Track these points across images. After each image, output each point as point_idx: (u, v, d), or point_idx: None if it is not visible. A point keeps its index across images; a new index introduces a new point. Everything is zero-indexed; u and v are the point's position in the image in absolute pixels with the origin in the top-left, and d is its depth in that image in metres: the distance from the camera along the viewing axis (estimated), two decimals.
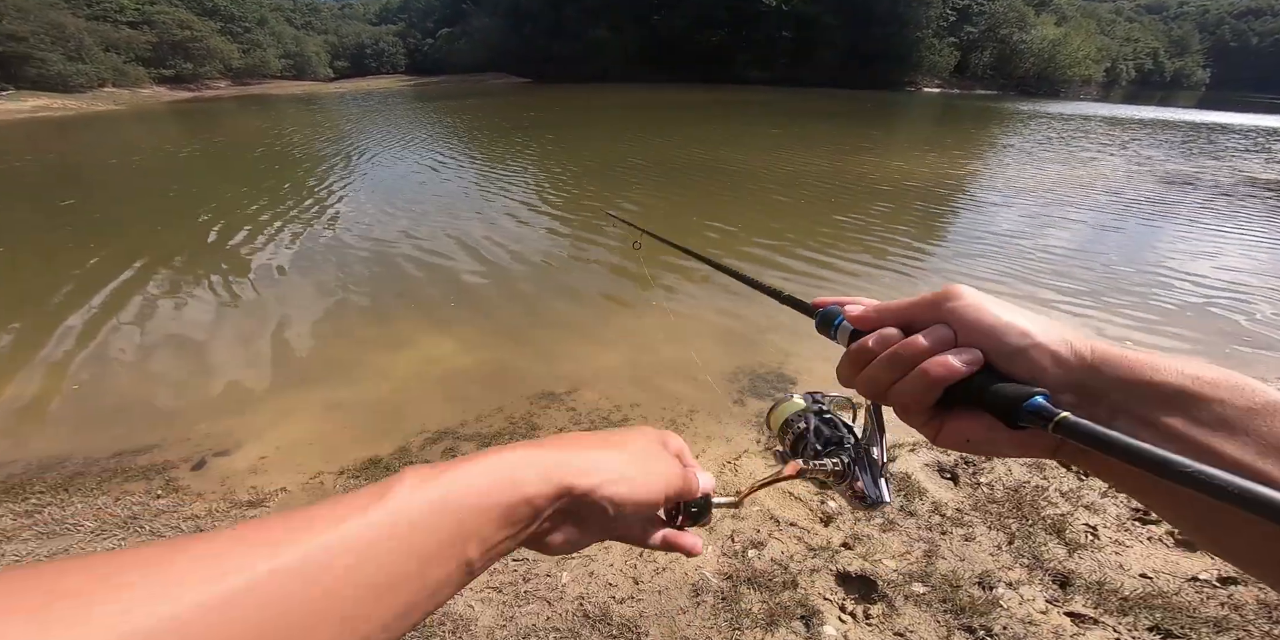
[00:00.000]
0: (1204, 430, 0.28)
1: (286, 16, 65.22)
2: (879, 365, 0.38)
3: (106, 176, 12.05)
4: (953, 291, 0.38)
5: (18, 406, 3.51)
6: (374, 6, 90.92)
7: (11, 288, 5.44)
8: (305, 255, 6.07)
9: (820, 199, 8.42)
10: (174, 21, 44.94)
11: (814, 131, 16.95)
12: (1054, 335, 0.34)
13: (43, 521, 2.47)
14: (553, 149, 13.06)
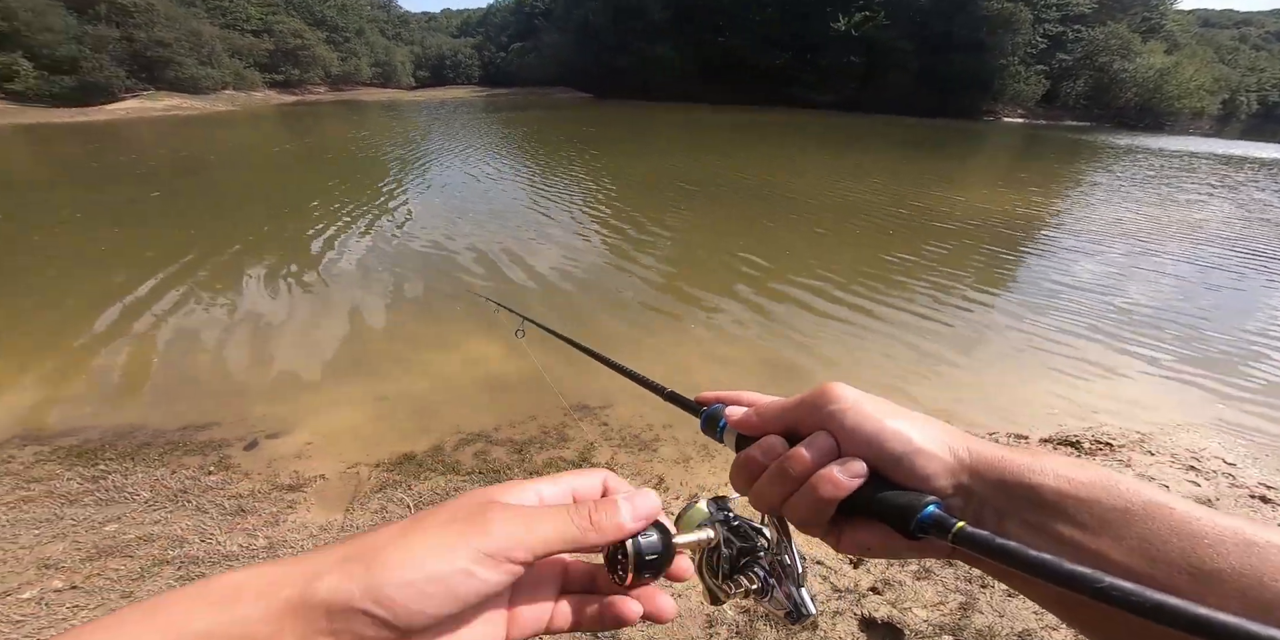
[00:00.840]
0: (1089, 534, 0.27)
1: (380, 27, 67.75)
2: (768, 481, 0.35)
3: (214, 170, 12.74)
4: (830, 394, 0.35)
5: (106, 376, 3.62)
6: (456, 20, 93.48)
7: (119, 265, 5.72)
8: (369, 252, 6.16)
9: (873, 233, 7.42)
10: (289, 31, 47.38)
11: (875, 159, 14.94)
12: (934, 440, 0.32)
13: (105, 488, 2.49)
14: (602, 165, 12.50)
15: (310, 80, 50.86)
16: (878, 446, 0.33)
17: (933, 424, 0.34)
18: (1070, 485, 0.29)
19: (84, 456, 2.75)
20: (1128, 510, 0.27)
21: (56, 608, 1.81)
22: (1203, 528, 0.26)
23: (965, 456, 0.32)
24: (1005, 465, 0.31)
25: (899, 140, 20.79)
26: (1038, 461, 0.31)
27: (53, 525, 2.22)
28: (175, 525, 2.27)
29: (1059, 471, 0.30)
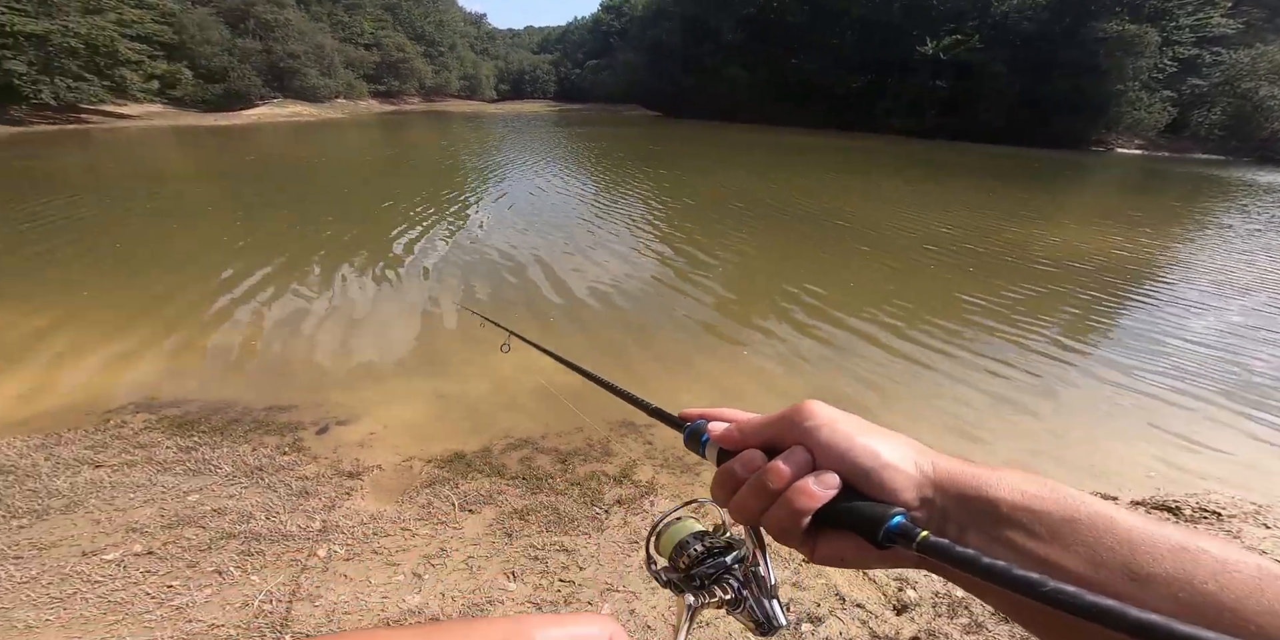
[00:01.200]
0: (1041, 543, 0.29)
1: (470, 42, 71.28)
2: (747, 493, 0.36)
3: (320, 173, 13.78)
4: (806, 410, 0.36)
5: (214, 355, 3.92)
6: (537, 37, 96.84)
7: (235, 255, 6.24)
8: (444, 257, 6.38)
9: (950, 270, 6.59)
10: (394, 45, 50.91)
11: (957, 190, 13.39)
12: (901, 455, 0.34)
13: (194, 459, 2.65)
14: (665, 184, 12.07)
15: (407, 91, 54.20)
16: (850, 461, 0.33)
17: (902, 441, 0.35)
18: (1024, 497, 0.30)
19: (183, 428, 2.95)
20: (1075, 520, 0.28)
21: (132, 571, 1.91)
22: (1141, 536, 0.27)
23: (930, 471, 0.33)
24: (966, 479, 0.32)
25: (986, 170, 18.70)
26: (995, 475, 0.32)
27: (146, 491, 2.37)
28: (246, 501, 2.36)
29: (1014, 485, 0.31)
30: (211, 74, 33.97)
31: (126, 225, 7.72)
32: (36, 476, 2.41)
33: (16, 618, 1.69)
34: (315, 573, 1.99)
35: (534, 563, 2.10)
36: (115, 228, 7.53)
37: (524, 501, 2.47)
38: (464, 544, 2.19)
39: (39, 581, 1.82)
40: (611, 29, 71.49)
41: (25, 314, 4.43)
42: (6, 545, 1.97)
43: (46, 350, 3.85)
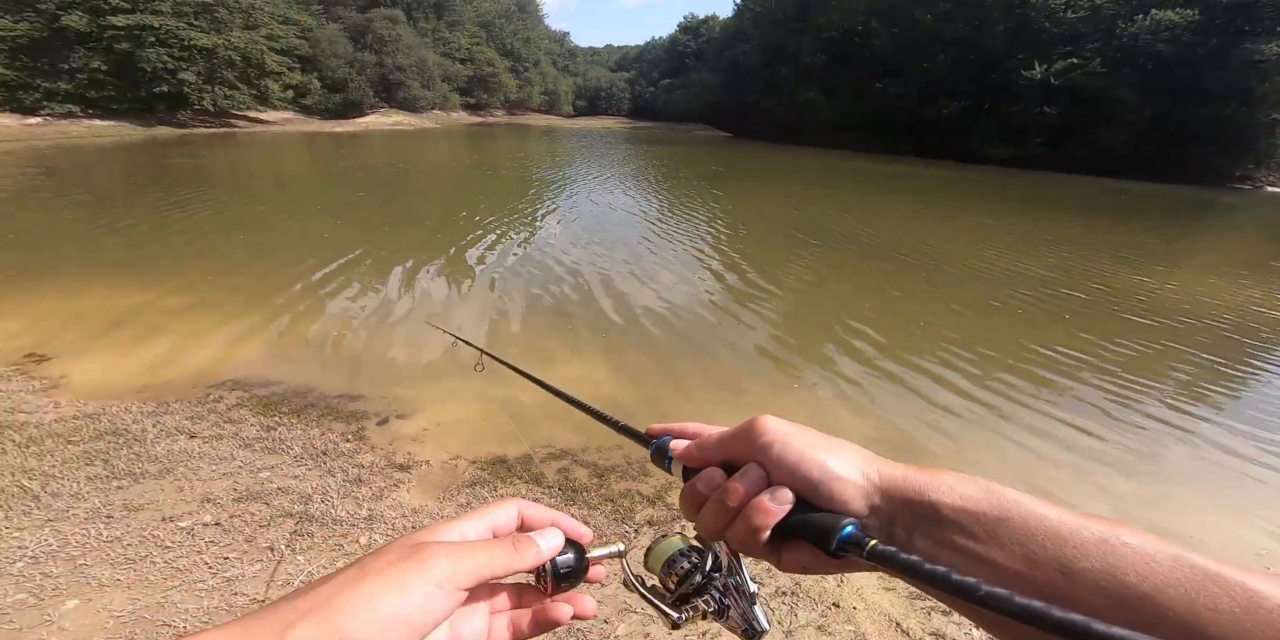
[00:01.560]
0: (981, 544, 0.29)
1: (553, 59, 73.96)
2: (709, 510, 0.36)
3: (412, 178, 14.73)
4: (758, 427, 0.37)
5: (308, 343, 4.20)
6: (616, 55, 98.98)
7: (334, 251, 6.74)
8: (512, 264, 6.55)
9: (1037, 316, 5.67)
10: (485, 59, 53.89)
11: (1057, 227, 11.47)
12: (849, 466, 0.34)
13: (272, 439, 2.82)
14: (731, 206, 11.51)
15: (493, 104, 57.01)
16: (800, 475, 0.34)
17: (850, 452, 0.35)
18: (961, 500, 0.31)
19: (268, 407, 3.16)
20: (1008, 519, 0.29)
21: (198, 539, 2.03)
22: (1069, 531, 0.28)
23: (876, 479, 0.33)
24: (908, 484, 0.33)
25: (1096, 206, 16.07)
26: (935, 479, 0.32)
27: (226, 464, 2.55)
28: (308, 483, 2.47)
29: (951, 488, 0.31)
30: (334, 84, 37.45)
31: (252, 219, 8.58)
32: (142, 441, 2.65)
33: (92, 574, 1.84)
34: (352, 559, 2.04)
35: None
36: (243, 221, 8.39)
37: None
38: None
39: (120, 542, 1.98)
40: (688, 49, 72.00)
41: (163, 294, 4.99)
42: (102, 504, 2.16)
43: (175, 327, 4.28)
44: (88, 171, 13.42)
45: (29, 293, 4.85)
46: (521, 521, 0.36)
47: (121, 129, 25.06)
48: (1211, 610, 0.23)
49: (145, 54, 25.03)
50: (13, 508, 2.09)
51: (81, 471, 2.37)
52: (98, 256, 6.20)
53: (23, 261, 5.88)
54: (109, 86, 25.04)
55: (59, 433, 2.68)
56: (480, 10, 56.96)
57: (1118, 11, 27.08)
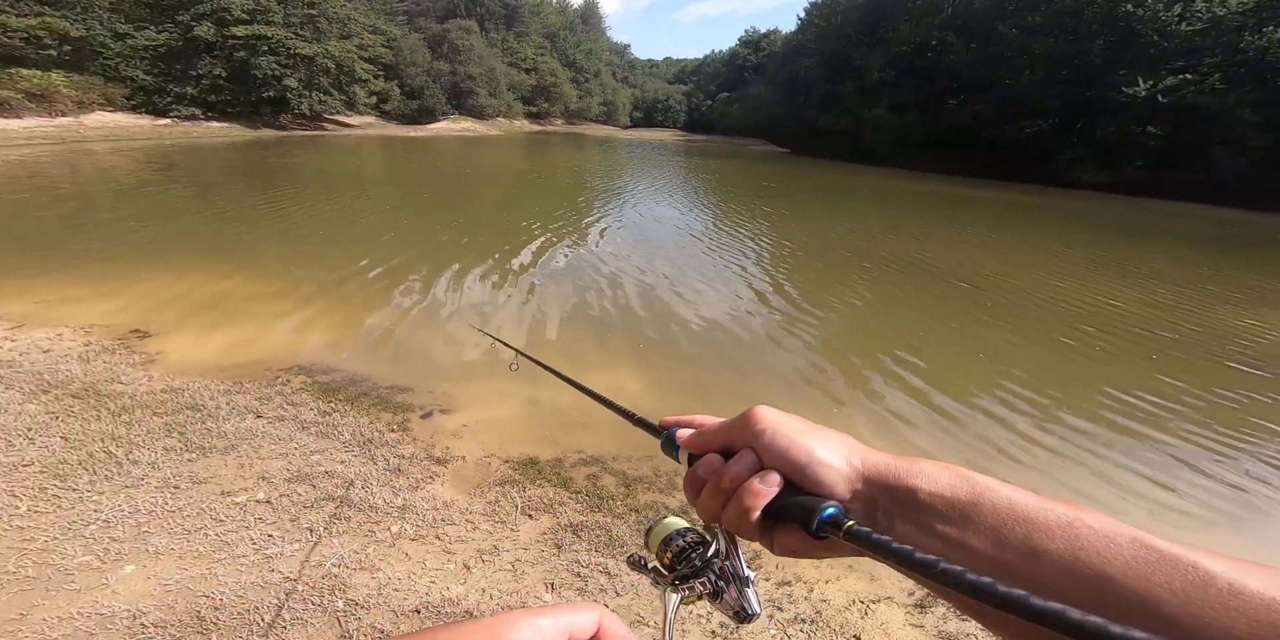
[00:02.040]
0: (955, 528, 0.30)
1: (613, 71, 74.79)
2: (707, 493, 0.38)
3: (474, 183, 15.24)
4: (753, 416, 0.38)
5: (366, 332, 4.38)
6: (674, 68, 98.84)
7: (397, 250, 7.04)
8: (559, 270, 6.59)
9: (1118, 354, 5.00)
10: (549, 70, 55.28)
11: (1151, 259, 9.96)
12: (833, 452, 0.35)
13: (327, 424, 2.92)
14: (784, 224, 10.86)
15: (553, 113, 58.31)
16: (789, 460, 0.35)
17: (837, 439, 0.37)
18: (937, 486, 0.32)
19: (326, 393, 3.28)
20: (979, 504, 0.30)
21: (249, 516, 2.11)
22: (1035, 515, 0.29)
23: (859, 465, 0.35)
24: (888, 471, 0.34)
25: (1199, 238, 13.92)
26: (915, 466, 0.33)
27: (284, 444, 2.65)
28: (352, 468, 2.54)
29: (928, 474, 0.32)
30: (412, 91, 39.51)
31: (331, 215, 9.11)
32: (215, 418, 2.81)
33: (151, 542, 1.93)
34: (383, 546, 2.06)
35: (575, 578, 2.01)
36: (323, 216, 8.93)
37: (581, 517, 2.38)
38: (516, 546, 2.15)
39: (181, 512, 2.08)
40: (747, 63, 71.11)
41: (248, 281, 5.35)
42: (173, 475, 2.29)
43: (256, 312, 4.58)
44: (200, 168, 14.75)
45: (139, 274, 5.33)
46: (596, 632, 0.32)
47: (233, 130, 27.47)
48: (1165, 589, 0.24)
49: (258, 62, 27.33)
50: (97, 472, 2.25)
51: (160, 442, 2.53)
52: (197, 243, 6.75)
53: (137, 243, 6.49)
54: (226, 91, 27.51)
55: (148, 404, 2.89)
56: (547, 22, 58.55)
57: (1243, 23, 23.54)
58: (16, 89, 20.78)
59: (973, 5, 32.00)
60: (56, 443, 2.47)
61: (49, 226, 7.26)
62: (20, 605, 1.66)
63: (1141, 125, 26.24)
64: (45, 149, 17.00)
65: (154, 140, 21.83)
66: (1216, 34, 24.23)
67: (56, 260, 5.64)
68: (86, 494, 2.12)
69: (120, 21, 25.21)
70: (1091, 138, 27.59)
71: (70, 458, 2.35)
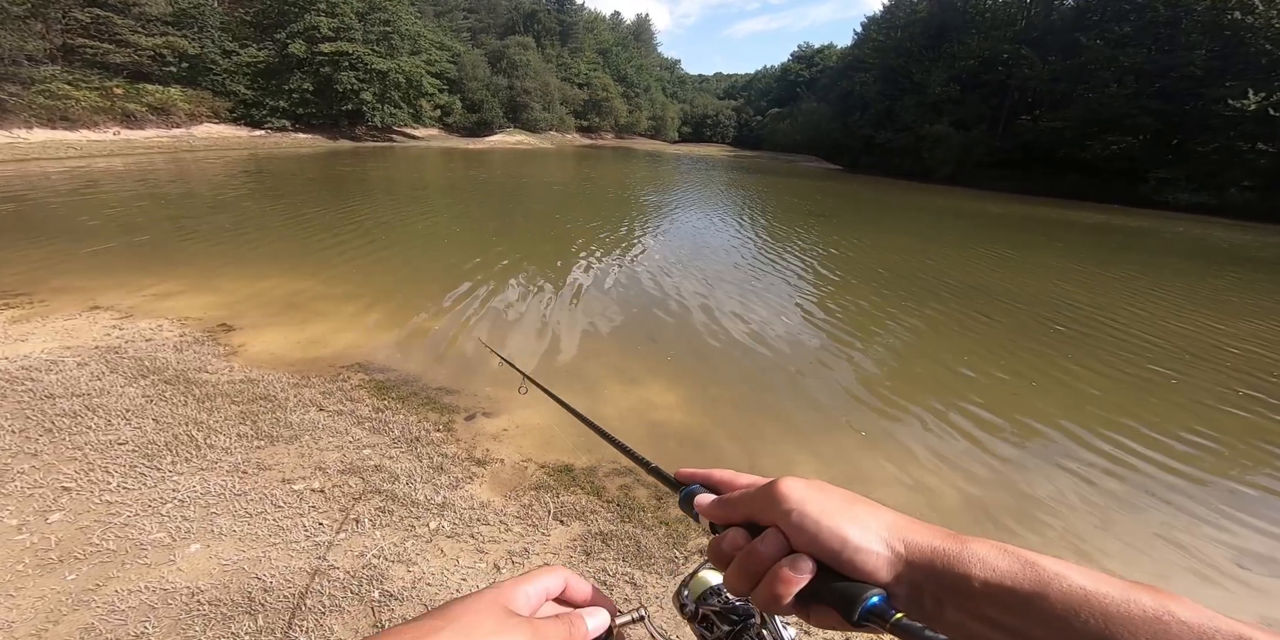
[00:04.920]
0: (1016, 617, 0.27)
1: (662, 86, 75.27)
2: (734, 572, 0.35)
3: (526, 194, 15.73)
4: (777, 492, 0.35)
5: (415, 334, 4.56)
6: (724, 83, 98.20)
7: (451, 258, 7.34)
8: (603, 282, 6.63)
9: (1201, 393, 4.44)
10: (600, 85, 56.47)
11: (1255, 287, 8.84)
12: (871, 537, 0.32)
13: (379, 420, 3.06)
14: (837, 244, 10.19)
15: (604, 127, 59.30)
16: (819, 545, 0.33)
17: (873, 519, 0.33)
18: (995, 574, 0.29)
19: (381, 391, 3.44)
20: (1047, 596, 0.27)
21: (304, 504, 2.22)
22: (1116, 608, 0.26)
23: (901, 550, 0.32)
24: (937, 557, 0.31)
25: None
26: (966, 550, 0.30)
27: (340, 437, 2.79)
28: (399, 464, 2.63)
29: (983, 559, 0.29)
30: (472, 105, 41.43)
31: (394, 223, 9.66)
32: (283, 408, 3.00)
33: (215, 523, 2.07)
34: (421, 541, 2.11)
35: (601, 586, 1.97)
36: (388, 224, 9.47)
37: (612, 526, 2.36)
38: (545, 550, 2.16)
39: (246, 496, 2.22)
40: (800, 79, 70.03)
41: (322, 281, 5.74)
42: (242, 461, 2.45)
43: (327, 311, 4.87)
44: (285, 176, 16.05)
45: (229, 272, 5.82)
46: (564, 589, 0.37)
47: (315, 141, 29.78)
48: None
49: (340, 76, 29.53)
50: (179, 454, 2.45)
51: (235, 429, 2.72)
52: (279, 246, 7.31)
53: (227, 243, 7.11)
54: (312, 104, 29.87)
55: (227, 393, 3.12)
56: (600, 39, 59.98)
57: None
58: (142, 103, 23.44)
59: (1050, 17, 30.03)
60: (149, 424, 2.71)
61: (159, 226, 8.09)
62: (98, 576, 1.81)
63: (1250, 142, 23.13)
64: (160, 156, 19.04)
65: (249, 150, 23.98)
66: None
67: (164, 258, 6.27)
68: (168, 474, 2.31)
69: (228, 40, 27.97)
70: (1188, 156, 24.66)
71: (158, 439, 2.57)
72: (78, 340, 3.76)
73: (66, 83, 21.19)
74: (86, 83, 22.07)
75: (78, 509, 2.10)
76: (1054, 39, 28.90)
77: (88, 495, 2.18)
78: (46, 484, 2.22)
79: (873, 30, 43.19)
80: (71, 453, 2.44)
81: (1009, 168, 29.82)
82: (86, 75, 22.36)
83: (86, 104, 21.27)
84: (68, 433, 2.59)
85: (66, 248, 6.51)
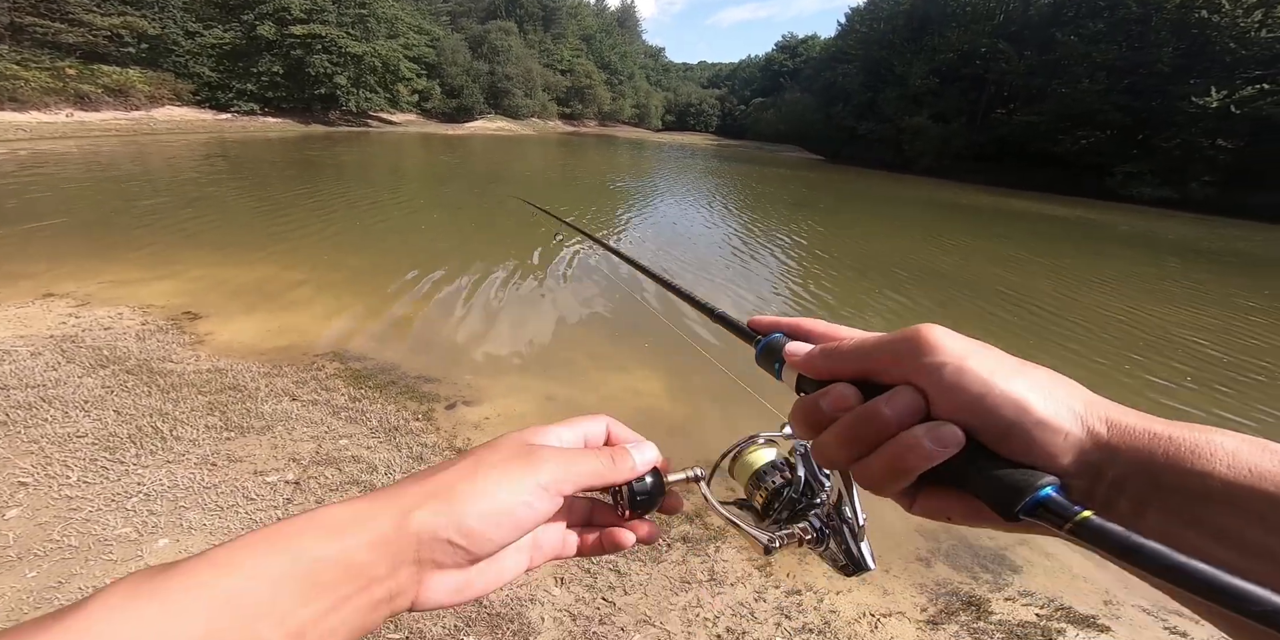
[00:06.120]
0: (1272, 532, 0.20)
1: (647, 74, 74.44)
2: (834, 438, 0.28)
3: (506, 181, 15.43)
4: (925, 341, 0.27)
5: (391, 322, 4.46)
6: (708, 72, 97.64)
7: (425, 244, 7.17)
8: (585, 270, 6.56)
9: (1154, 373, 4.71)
10: (584, 72, 55.47)
11: (1204, 279, 9.18)
12: (1062, 408, 0.24)
13: (356, 409, 2.98)
14: (818, 233, 10.33)
15: (586, 115, 58.44)
16: (984, 412, 0.24)
17: (1060, 385, 0.25)
18: (1249, 475, 0.20)
19: (358, 380, 3.35)
20: None
21: (277, 496, 2.16)
22: None
23: (1103, 431, 0.23)
24: (1159, 445, 0.22)
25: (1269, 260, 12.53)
26: (1202, 439, 0.22)
27: (315, 427, 2.71)
28: (377, 454, 2.58)
29: (1235, 454, 0.21)
30: (452, 90, 40.30)
31: (369, 210, 9.36)
32: (254, 399, 2.90)
33: (184, 517, 1.99)
34: None
35: (585, 575, 1.99)
36: (362, 210, 9.17)
37: None
38: None
39: (216, 489, 2.14)
40: (783, 69, 69.91)
41: (292, 268, 5.53)
42: (211, 452, 2.37)
43: (298, 299, 4.71)
44: (254, 160, 15.40)
45: (193, 258, 5.57)
46: (608, 438, 0.35)
47: (285, 125, 28.59)
48: None
49: (312, 60, 28.31)
50: (143, 446, 2.34)
51: (202, 420, 2.62)
52: (247, 232, 7.03)
53: (193, 229, 6.80)
54: (282, 88, 28.61)
55: (194, 383, 3.00)
56: (584, 25, 58.80)
57: None
58: (97, 84, 22.11)
59: (1027, 12, 30.40)
60: (110, 416, 2.59)
61: (117, 212, 7.69)
62: (60, 573, 1.73)
63: (1211, 138, 24.03)
64: (118, 139, 18.06)
65: (215, 134, 22.92)
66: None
67: (122, 243, 5.96)
68: (132, 467, 2.21)
69: (191, 21, 26.50)
70: (1153, 151, 25.54)
71: (121, 431, 2.46)
72: (31, 329, 3.57)
73: (15, 62, 19.87)
74: (37, 63, 20.72)
75: (36, 504, 2.00)
76: (1031, 34, 29.34)
77: (46, 490, 2.08)
78: (0, 479, 2.10)
79: (856, 21, 43.21)
80: (27, 446, 2.32)
81: (985, 160, 30.37)
82: (37, 55, 20.99)
83: (36, 85, 20.00)
84: (22, 426, 2.45)
85: (15, 232, 6.15)
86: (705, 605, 1.89)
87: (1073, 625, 2.00)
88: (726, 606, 1.90)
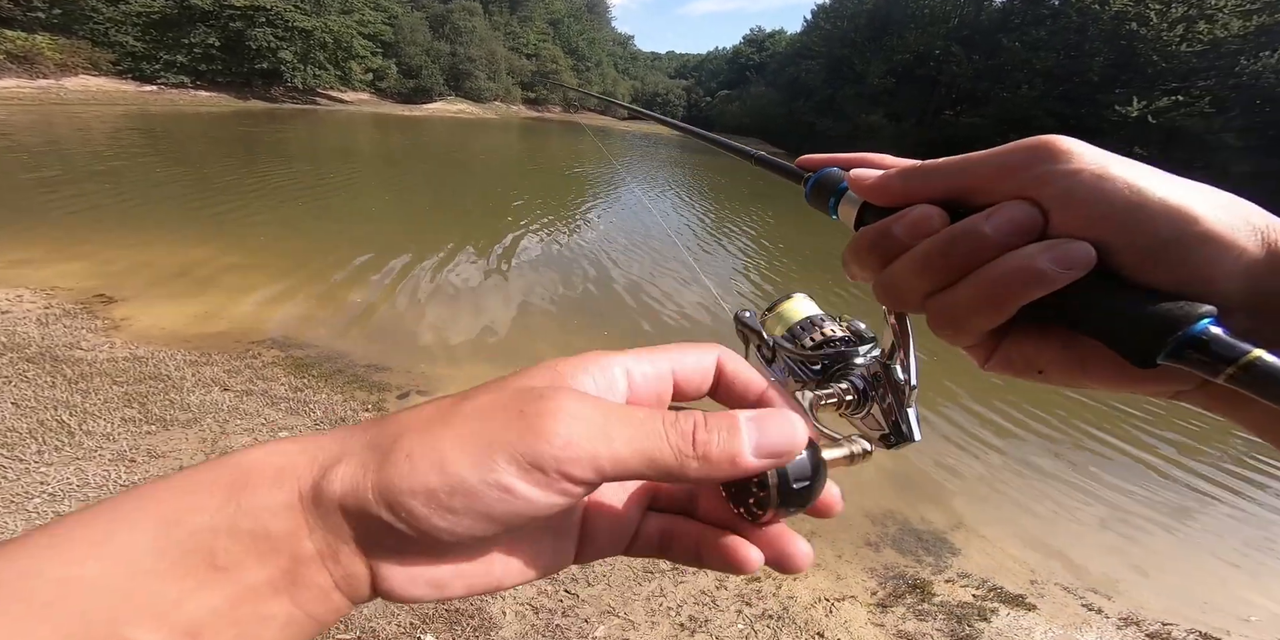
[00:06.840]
0: None
1: (614, 61, 73.49)
2: (912, 266, 0.21)
3: (468, 167, 14.89)
4: (1053, 148, 0.20)
5: (343, 309, 4.21)
6: (676, 63, 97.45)
7: (380, 227, 6.82)
8: (545, 257, 6.38)
9: None
10: (550, 57, 54.00)
11: None
12: (1235, 219, 0.18)
13: (297, 400, 2.79)
14: (772, 223, 10.57)
15: (551, 101, 57.13)
16: (1129, 228, 0.18)
17: (1222, 195, 0.19)
18: None
19: (300, 369, 3.15)
20: None
21: None
22: None
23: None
24: None
25: None
26: None
27: (251, 420, 2.53)
28: None
29: None
30: (409, 71, 38.32)
31: (318, 190, 8.80)
32: (179, 389, 2.66)
33: None
34: None
35: None
36: (306, 191, 8.60)
37: None
38: None
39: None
40: (750, 62, 70.50)
41: (223, 250, 5.12)
42: (129, 448, 2.16)
43: (230, 283, 4.37)
44: (183, 136, 14.14)
45: (107, 239, 5.06)
46: (717, 379, 0.22)
47: (221, 100, 26.37)
48: None
49: (254, 33, 26.18)
50: (47, 442, 2.11)
51: (118, 413, 2.39)
52: (172, 211, 6.45)
53: (108, 207, 6.17)
54: (218, 61, 26.34)
55: (107, 372, 2.73)
56: (552, 8, 57.17)
57: (1241, 46, 23.56)
58: None
59: (979, 17, 32.05)
60: (6, 409, 2.32)
61: (18, 187, 6.87)
62: None
63: (1129, 146, 25.09)
64: (20, 109, 16.13)
65: (138, 106, 20.89)
66: (1214, 56, 24.38)
67: (23, 221, 5.33)
68: (33, 465, 1.99)
69: None
70: None
71: (19, 426, 2.20)
72: None
73: None
74: None
75: None
76: (981, 39, 31.04)
77: None
78: None
79: (822, 18, 44.06)
80: None
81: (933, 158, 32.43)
82: None
83: None
84: None
85: None
86: (669, 594, 1.89)
87: (1005, 604, 2.15)
88: (689, 595, 1.91)
